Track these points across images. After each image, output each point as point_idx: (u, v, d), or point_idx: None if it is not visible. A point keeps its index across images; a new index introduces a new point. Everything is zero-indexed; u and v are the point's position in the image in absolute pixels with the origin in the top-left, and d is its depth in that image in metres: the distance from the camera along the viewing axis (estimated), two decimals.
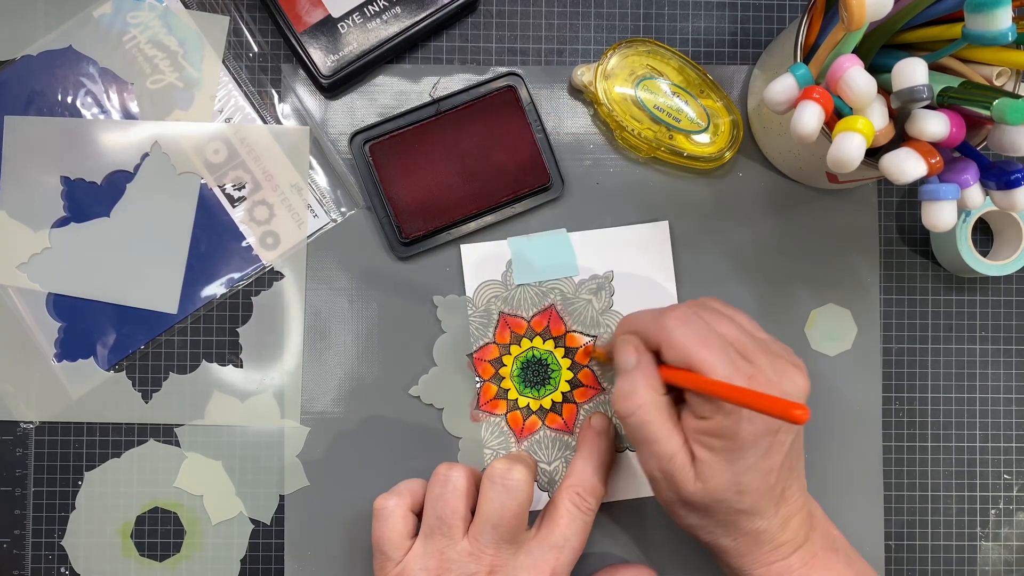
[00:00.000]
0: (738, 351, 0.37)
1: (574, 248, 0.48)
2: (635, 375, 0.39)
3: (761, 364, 0.37)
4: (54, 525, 0.47)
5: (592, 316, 0.48)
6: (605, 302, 0.48)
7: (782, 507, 0.39)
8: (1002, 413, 0.49)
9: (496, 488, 0.39)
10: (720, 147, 0.47)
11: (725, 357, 0.37)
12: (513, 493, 0.39)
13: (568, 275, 0.48)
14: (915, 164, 0.35)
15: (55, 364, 0.47)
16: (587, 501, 0.41)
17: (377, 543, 0.40)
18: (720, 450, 0.37)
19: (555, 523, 0.40)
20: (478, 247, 0.48)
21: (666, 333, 0.38)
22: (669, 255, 0.48)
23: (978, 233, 0.50)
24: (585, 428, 0.45)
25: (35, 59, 0.47)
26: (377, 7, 0.47)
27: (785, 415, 0.31)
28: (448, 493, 0.40)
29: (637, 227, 0.48)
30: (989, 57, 0.39)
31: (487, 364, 0.47)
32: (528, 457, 0.42)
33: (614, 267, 0.48)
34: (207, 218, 0.47)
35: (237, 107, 0.48)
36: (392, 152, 0.47)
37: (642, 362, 0.39)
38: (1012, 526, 0.49)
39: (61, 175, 0.47)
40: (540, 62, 0.49)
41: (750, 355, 0.38)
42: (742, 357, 0.37)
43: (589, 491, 0.41)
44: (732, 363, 0.36)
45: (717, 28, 0.49)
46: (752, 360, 0.37)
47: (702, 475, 0.37)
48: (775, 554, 0.39)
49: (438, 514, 0.40)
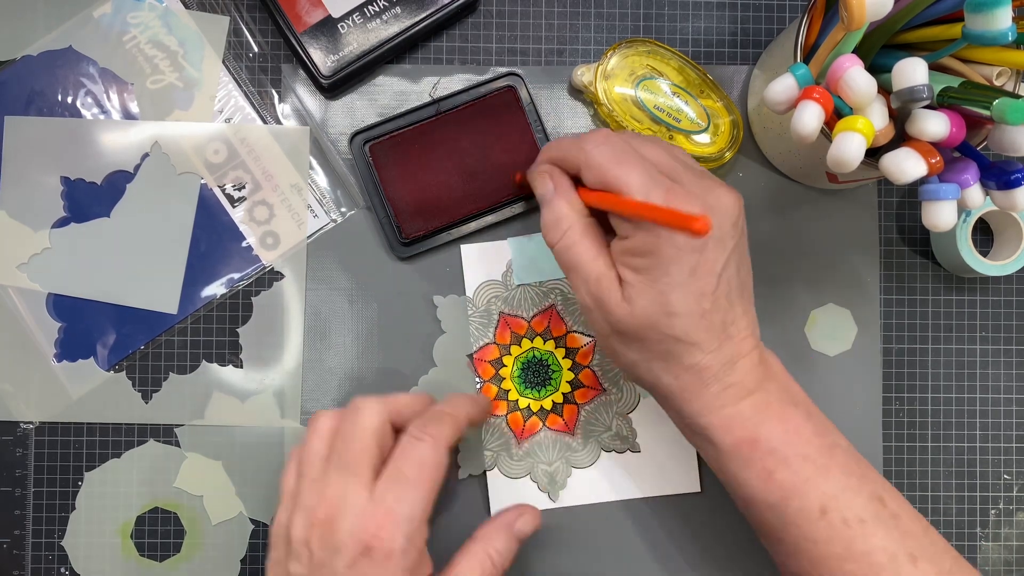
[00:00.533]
0: (662, 171, 0.36)
1: None
2: (556, 201, 0.38)
3: (684, 181, 0.36)
4: (54, 525, 0.47)
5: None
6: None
7: (725, 344, 0.36)
8: (1002, 413, 0.49)
9: (345, 417, 0.38)
10: (720, 147, 0.47)
11: (643, 173, 0.35)
12: (357, 420, 0.38)
13: None
14: (915, 164, 0.35)
15: (55, 364, 0.47)
16: (424, 428, 0.38)
17: (296, 453, 0.40)
18: (643, 269, 0.36)
19: (390, 458, 0.38)
20: (478, 247, 0.48)
21: (584, 154, 0.37)
22: None
23: (978, 233, 0.50)
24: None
25: (35, 59, 0.47)
26: (377, 7, 0.47)
27: (685, 226, 0.30)
28: (310, 434, 0.39)
29: None
30: (989, 57, 0.39)
31: (487, 364, 0.47)
32: (385, 401, 0.39)
33: None
34: (207, 218, 0.47)
35: (237, 107, 0.48)
36: (392, 152, 0.47)
37: (560, 187, 0.39)
38: (1012, 526, 0.49)
39: (61, 175, 0.47)
40: (540, 62, 0.49)
41: (675, 174, 0.36)
42: (665, 176, 0.36)
43: (427, 419, 0.39)
44: (650, 178, 0.35)
45: (717, 28, 0.49)
46: (676, 178, 0.36)
47: (628, 297, 0.36)
48: (723, 397, 0.37)
49: (300, 455, 0.39)
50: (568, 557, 0.47)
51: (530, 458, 0.47)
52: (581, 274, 0.37)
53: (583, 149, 0.37)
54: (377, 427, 0.38)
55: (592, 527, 0.47)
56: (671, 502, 0.48)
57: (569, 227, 0.37)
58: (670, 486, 0.47)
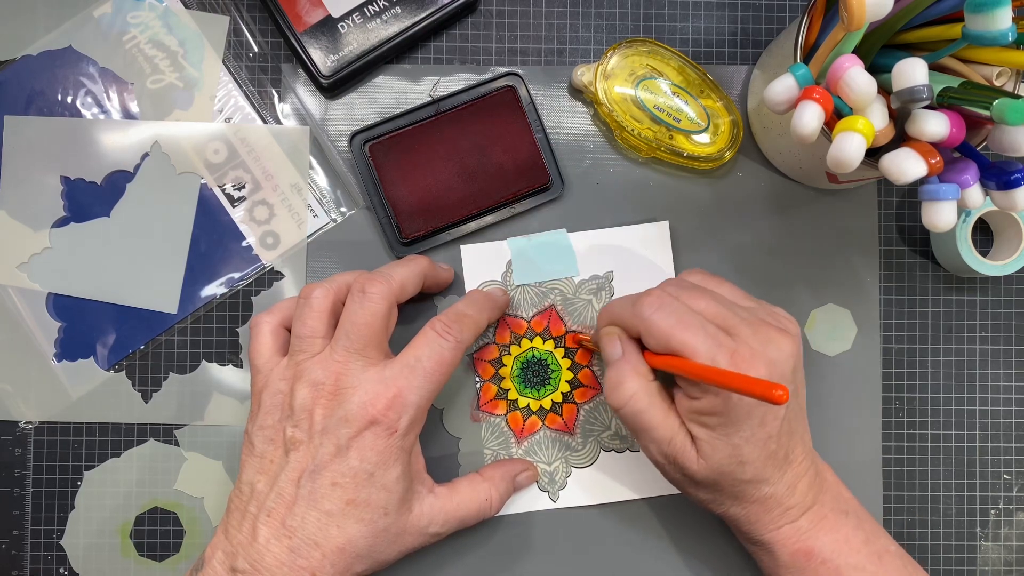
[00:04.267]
0: (719, 326, 0.37)
1: (574, 248, 0.48)
2: (621, 365, 0.39)
3: (744, 336, 0.37)
4: (53, 525, 0.47)
5: (592, 316, 0.48)
6: (605, 302, 0.48)
7: (787, 471, 0.39)
8: (1002, 413, 0.49)
9: (354, 300, 0.40)
10: (720, 147, 0.47)
11: (705, 336, 0.36)
12: (366, 304, 0.39)
13: (568, 275, 0.48)
14: (915, 164, 0.35)
15: (55, 364, 0.47)
16: (449, 328, 0.40)
17: (250, 358, 0.42)
18: (716, 426, 0.37)
19: (411, 345, 0.40)
20: (478, 247, 0.48)
21: (643, 322, 0.38)
22: (670, 255, 0.48)
23: (978, 233, 0.50)
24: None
25: (35, 59, 0.47)
26: (377, 7, 0.47)
27: (765, 397, 0.31)
28: (306, 313, 0.40)
29: (637, 227, 0.48)
30: (989, 57, 0.39)
31: (487, 364, 0.47)
32: (389, 279, 0.41)
33: (614, 267, 0.48)
34: (207, 218, 0.47)
35: (237, 107, 0.48)
36: (392, 152, 0.47)
37: (626, 351, 0.39)
38: (1012, 526, 0.49)
39: (61, 175, 0.47)
40: (540, 62, 0.49)
41: (732, 328, 0.37)
42: (723, 332, 0.37)
43: (453, 319, 0.41)
44: (713, 340, 0.36)
45: (717, 28, 0.49)
46: (734, 333, 0.37)
47: (703, 452, 0.38)
48: (784, 517, 0.39)
49: (298, 333, 0.40)
50: (568, 558, 0.47)
51: (529, 457, 0.47)
52: (652, 436, 0.38)
53: (640, 316, 0.38)
54: (385, 312, 0.40)
55: (592, 528, 0.47)
56: (671, 501, 0.48)
57: (635, 392, 0.38)
58: (670, 486, 0.47)
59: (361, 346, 0.39)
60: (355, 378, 0.39)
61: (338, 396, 0.38)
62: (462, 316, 0.41)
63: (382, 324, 0.40)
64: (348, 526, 0.38)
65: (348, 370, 0.39)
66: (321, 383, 0.39)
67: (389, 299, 0.40)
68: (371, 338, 0.39)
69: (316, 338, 0.40)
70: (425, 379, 0.39)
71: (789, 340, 0.38)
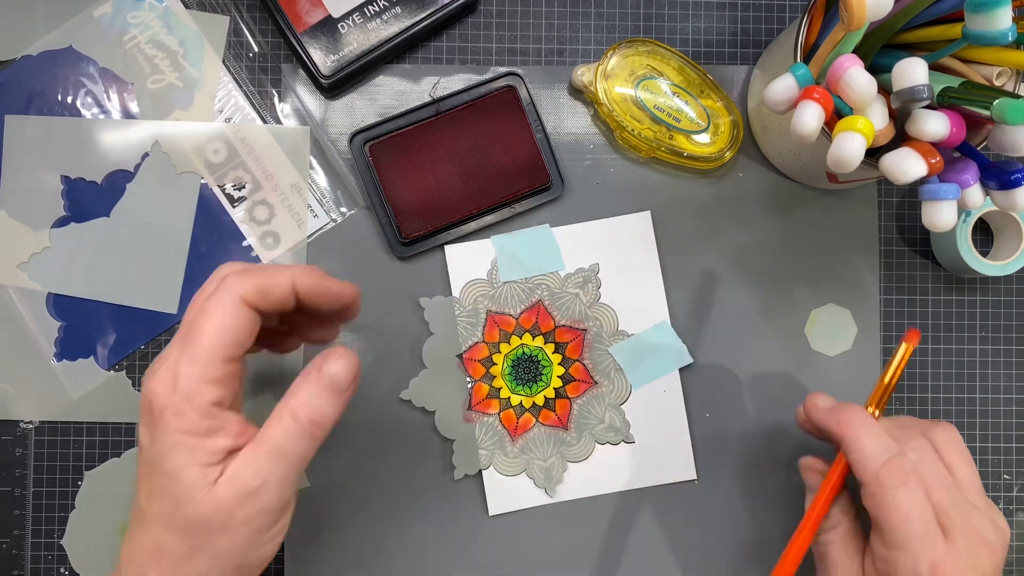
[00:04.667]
0: (940, 524, 0.36)
1: (558, 243, 0.48)
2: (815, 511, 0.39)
3: (956, 547, 0.35)
4: (53, 525, 0.47)
5: (580, 310, 0.48)
6: (592, 295, 0.48)
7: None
8: (1002, 413, 0.49)
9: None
10: (720, 147, 0.47)
11: (922, 531, 0.35)
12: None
13: (554, 270, 0.48)
14: (915, 164, 0.35)
15: (55, 364, 0.47)
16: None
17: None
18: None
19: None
20: (462, 247, 0.48)
21: (880, 489, 0.36)
22: (653, 244, 0.48)
23: (978, 233, 0.50)
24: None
25: (35, 59, 0.47)
26: (377, 7, 0.47)
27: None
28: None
29: (620, 219, 0.48)
30: (989, 57, 0.39)
31: (477, 364, 0.47)
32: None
33: (600, 259, 0.48)
34: (207, 218, 0.47)
35: (237, 107, 0.48)
36: (392, 152, 0.47)
37: (820, 502, 0.39)
38: (1012, 526, 0.49)
39: (61, 175, 0.47)
40: (540, 62, 0.49)
41: (950, 529, 0.36)
42: (940, 532, 0.35)
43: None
44: (929, 540, 0.35)
45: (717, 28, 0.49)
46: (950, 539, 0.36)
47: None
48: None
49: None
50: (567, 551, 0.47)
51: (525, 455, 0.47)
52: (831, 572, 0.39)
53: (880, 483, 0.36)
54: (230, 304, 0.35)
55: (590, 520, 0.47)
56: (668, 491, 0.48)
57: (834, 526, 0.39)
58: (666, 475, 0.47)
59: (185, 331, 0.35)
60: (161, 360, 0.35)
61: (145, 381, 0.35)
62: (236, 274, 0.37)
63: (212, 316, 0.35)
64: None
65: (164, 353, 0.35)
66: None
67: (238, 291, 0.36)
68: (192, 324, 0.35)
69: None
70: (197, 348, 0.34)
71: (993, 559, 0.36)
